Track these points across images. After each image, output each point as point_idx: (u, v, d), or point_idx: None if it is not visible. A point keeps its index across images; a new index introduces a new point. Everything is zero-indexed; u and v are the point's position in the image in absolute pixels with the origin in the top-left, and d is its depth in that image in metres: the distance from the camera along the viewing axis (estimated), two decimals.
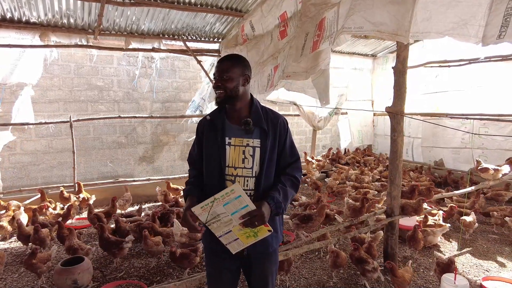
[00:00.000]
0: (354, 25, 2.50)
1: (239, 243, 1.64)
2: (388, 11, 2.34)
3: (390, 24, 2.34)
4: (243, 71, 1.76)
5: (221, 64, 1.74)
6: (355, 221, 3.77)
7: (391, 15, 2.33)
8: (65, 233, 3.66)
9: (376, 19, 2.39)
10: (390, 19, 2.34)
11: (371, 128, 9.42)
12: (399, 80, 3.40)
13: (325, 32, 2.93)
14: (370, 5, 2.41)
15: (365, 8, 2.44)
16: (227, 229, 1.60)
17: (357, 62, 8.81)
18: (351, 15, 2.51)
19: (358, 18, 2.46)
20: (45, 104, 5.84)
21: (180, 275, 3.32)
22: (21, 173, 5.71)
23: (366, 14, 2.43)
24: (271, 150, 1.74)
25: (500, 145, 6.04)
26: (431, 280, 3.36)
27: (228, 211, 1.56)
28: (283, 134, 1.80)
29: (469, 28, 2.41)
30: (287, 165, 1.82)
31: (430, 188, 4.41)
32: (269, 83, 4.22)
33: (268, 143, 1.73)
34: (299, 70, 3.64)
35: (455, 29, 2.44)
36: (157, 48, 5.79)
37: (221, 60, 1.77)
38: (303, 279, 3.35)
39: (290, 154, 1.83)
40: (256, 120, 1.74)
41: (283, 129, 1.81)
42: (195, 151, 1.87)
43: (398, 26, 2.33)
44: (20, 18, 4.67)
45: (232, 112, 1.78)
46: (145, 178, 6.53)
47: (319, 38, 2.99)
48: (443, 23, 2.46)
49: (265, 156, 1.72)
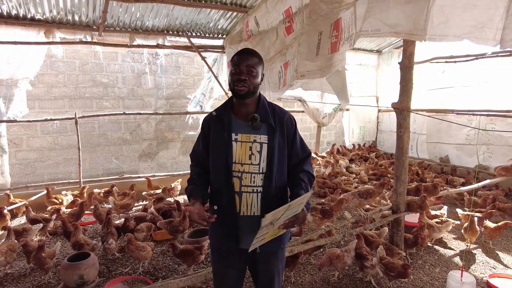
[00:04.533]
0: (371, 28, 2.53)
1: (258, 241, 1.58)
2: (403, 11, 2.36)
3: (406, 24, 2.37)
4: (263, 69, 1.76)
5: (247, 58, 1.68)
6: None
7: (406, 15, 2.35)
8: (69, 228, 3.69)
9: (392, 20, 2.42)
10: (406, 19, 2.36)
11: (375, 124, 9.38)
12: (405, 76, 3.38)
13: (343, 34, 2.91)
14: (386, 6, 2.42)
15: (381, 11, 2.45)
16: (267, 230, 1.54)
17: (362, 57, 8.74)
18: (367, 18, 2.52)
19: (375, 21, 2.49)
20: (50, 101, 5.87)
21: (186, 271, 3.34)
22: (27, 169, 5.75)
23: (382, 16, 2.44)
24: (281, 147, 1.72)
25: (507, 141, 5.97)
26: (437, 277, 3.35)
27: (284, 216, 1.52)
28: (290, 130, 1.78)
29: (486, 31, 2.41)
30: (299, 161, 1.80)
31: (436, 185, 4.38)
32: (281, 80, 4.18)
33: (275, 139, 1.71)
34: (313, 69, 3.62)
35: (473, 33, 2.44)
36: (161, 45, 5.78)
37: (247, 53, 1.71)
38: (308, 275, 3.35)
39: (301, 150, 1.82)
40: (263, 116, 1.72)
41: (290, 125, 1.79)
42: (199, 147, 1.84)
43: (414, 25, 2.35)
44: (25, 15, 4.68)
45: (239, 107, 1.76)
46: (150, 174, 6.56)
47: (337, 39, 2.97)
48: (461, 26, 2.46)
49: (272, 152, 1.69)
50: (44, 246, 3.18)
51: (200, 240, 3.51)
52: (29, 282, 3.24)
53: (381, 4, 2.45)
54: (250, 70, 1.66)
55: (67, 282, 3.09)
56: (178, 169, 6.93)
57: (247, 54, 1.71)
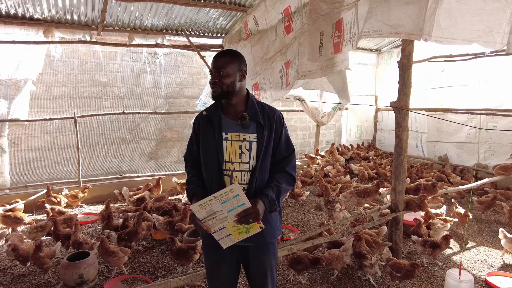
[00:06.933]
0: (373, 28, 2.56)
1: (230, 239, 1.68)
2: (404, 12, 2.40)
3: (407, 25, 2.41)
4: (240, 67, 1.76)
5: (217, 60, 1.73)
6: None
7: (407, 15, 2.39)
8: (61, 231, 3.69)
9: (393, 21, 2.45)
10: (407, 20, 2.40)
11: (372, 123, 9.40)
12: (404, 75, 3.38)
13: (345, 34, 2.93)
14: (386, 7, 2.46)
15: (382, 12, 2.48)
16: (221, 225, 1.63)
17: (361, 56, 8.75)
18: (368, 18, 2.56)
19: (376, 22, 2.52)
20: (50, 100, 5.86)
21: (185, 270, 3.34)
22: (27, 169, 5.75)
23: (383, 17, 2.48)
24: (266, 144, 1.75)
25: (509, 139, 5.98)
26: (436, 275, 3.36)
27: (225, 209, 1.58)
28: (279, 128, 1.81)
29: (494, 36, 2.47)
30: (282, 159, 1.82)
31: (435, 184, 4.39)
32: (284, 80, 4.19)
33: (264, 137, 1.74)
34: (313, 68, 3.64)
35: (482, 37, 2.49)
36: (160, 44, 5.78)
37: (218, 56, 1.76)
38: (307, 274, 3.36)
39: (285, 148, 1.84)
40: (252, 114, 1.75)
41: (279, 123, 1.81)
42: (193, 147, 1.88)
43: (414, 26, 2.38)
44: (24, 14, 4.68)
45: (228, 107, 1.79)
46: (149, 173, 6.56)
47: (340, 39, 2.98)
48: (470, 30, 2.51)
49: (261, 150, 1.73)
50: (41, 246, 3.17)
51: (197, 239, 3.51)
52: (29, 281, 3.24)
53: (382, 5, 2.48)
54: (220, 71, 1.70)
55: (66, 281, 3.09)
56: (177, 168, 6.94)
57: (217, 56, 1.75)
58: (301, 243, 3.19)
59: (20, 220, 4.23)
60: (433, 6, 2.39)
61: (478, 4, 2.44)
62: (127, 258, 3.36)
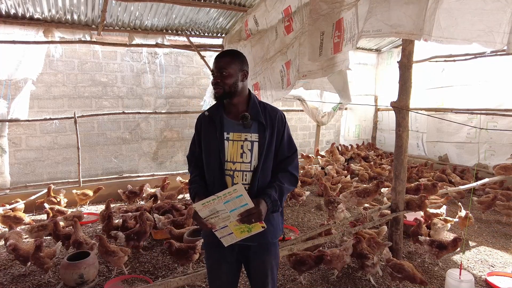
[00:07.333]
0: (372, 28, 2.56)
1: (232, 237, 1.69)
2: (404, 12, 2.41)
3: (407, 24, 2.41)
4: (242, 67, 1.76)
5: (219, 60, 1.74)
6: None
7: (407, 15, 2.40)
8: (61, 231, 3.69)
9: (393, 21, 2.45)
10: (407, 20, 2.40)
11: (371, 123, 9.40)
12: (404, 75, 3.38)
13: (345, 34, 2.93)
14: (386, 7, 2.46)
15: (382, 11, 2.49)
16: (224, 224, 1.64)
17: (361, 56, 8.73)
18: (368, 18, 2.56)
19: (376, 22, 2.52)
20: (50, 100, 5.86)
21: (185, 270, 3.34)
22: (27, 169, 5.74)
23: (383, 17, 2.48)
24: (268, 144, 1.75)
25: (509, 139, 5.97)
26: (436, 275, 3.36)
27: (228, 208, 1.59)
28: (281, 128, 1.81)
29: (494, 35, 2.47)
30: (284, 158, 1.82)
31: (435, 184, 4.39)
32: (284, 80, 4.19)
33: (266, 137, 1.74)
34: (314, 68, 3.64)
35: (482, 37, 2.49)
36: (160, 44, 5.77)
37: (219, 56, 1.77)
38: (308, 274, 3.36)
39: (288, 148, 1.84)
40: (254, 114, 1.75)
41: (281, 123, 1.81)
42: (196, 147, 1.88)
43: (414, 25, 2.39)
44: (24, 14, 4.67)
45: (230, 107, 1.80)
46: (150, 173, 6.56)
47: (340, 39, 2.99)
48: (471, 30, 2.51)
49: (263, 150, 1.73)
50: (41, 246, 3.17)
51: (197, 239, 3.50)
52: (29, 281, 3.24)
53: (382, 5, 2.48)
54: (222, 72, 1.70)
55: (66, 281, 3.09)
56: (177, 168, 6.94)
57: (219, 56, 1.76)
58: (302, 243, 3.19)
59: (20, 220, 4.24)
60: (433, 6, 2.39)
61: (478, 4, 2.44)
62: (127, 258, 3.36)
